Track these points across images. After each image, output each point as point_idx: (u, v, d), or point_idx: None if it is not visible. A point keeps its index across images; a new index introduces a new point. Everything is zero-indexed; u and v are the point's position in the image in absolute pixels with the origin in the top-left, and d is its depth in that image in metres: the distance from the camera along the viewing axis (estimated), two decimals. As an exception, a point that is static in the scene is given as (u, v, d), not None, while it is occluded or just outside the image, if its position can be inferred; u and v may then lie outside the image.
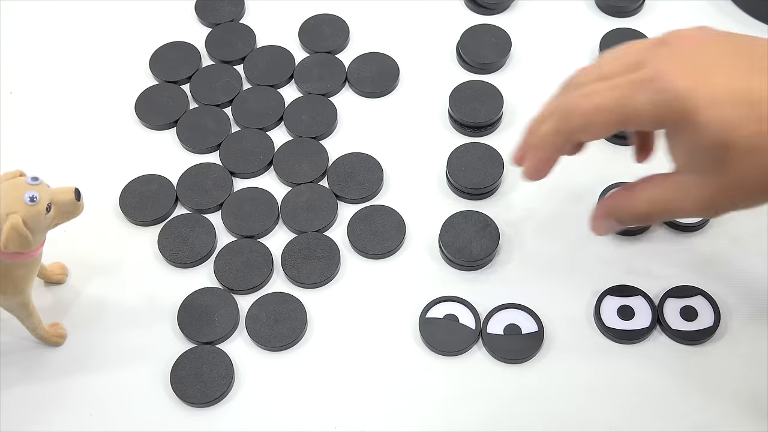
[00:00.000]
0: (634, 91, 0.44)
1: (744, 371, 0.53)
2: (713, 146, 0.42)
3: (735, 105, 0.42)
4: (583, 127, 0.46)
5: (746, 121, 0.42)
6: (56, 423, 0.53)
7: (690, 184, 0.45)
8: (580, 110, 0.46)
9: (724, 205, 0.45)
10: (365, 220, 0.59)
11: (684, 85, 0.42)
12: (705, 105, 0.42)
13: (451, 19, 0.70)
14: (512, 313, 0.55)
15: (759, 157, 0.42)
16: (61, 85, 0.68)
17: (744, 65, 0.43)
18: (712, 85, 0.42)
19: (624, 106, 0.44)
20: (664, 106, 0.43)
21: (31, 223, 0.48)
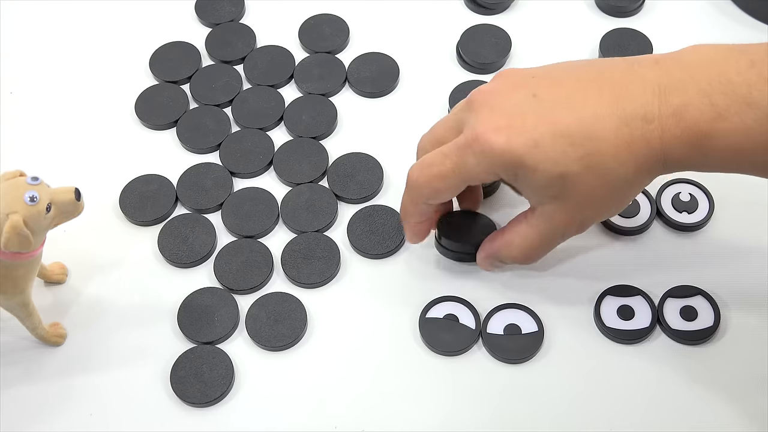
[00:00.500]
0: (462, 156, 0.49)
1: (744, 371, 0.53)
2: (550, 180, 0.47)
3: (551, 141, 0.46)
4: (432, 195, 0.51)
5: (567, 150, 0.46)
6: (56, 423, 0.53)
7: (549, 214, 0.50)
8: (424, 182, 0.51)
9: (586, 221, 0.51)
10: (365, 220, 0.59)
11: (500, 141, 0.47)
12: (526, 151, 0.47)
13: (451, 19, 0.70)
14: (512, 313, 0.55)
15: (593, 176, 0.47)
16: (61, 85, 0.68)
17: (545, 103, 0.47)
18: (523, 131, 0.47)
19: (459, 171, 0.49)
20: (491, 163, 0.48)
21: (31, 223, 0.48)
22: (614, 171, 0.47)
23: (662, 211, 0.58)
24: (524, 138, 0.47)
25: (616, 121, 0.46)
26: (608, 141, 0.46)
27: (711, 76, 0.45)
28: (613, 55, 0.65)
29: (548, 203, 0.49)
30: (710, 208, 0.58)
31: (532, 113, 0.47)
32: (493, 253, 0.54)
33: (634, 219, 0.58)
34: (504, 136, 0.47)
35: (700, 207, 0.58)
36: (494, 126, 0.47)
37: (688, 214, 0.58)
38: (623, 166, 0.47)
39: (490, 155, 0.47)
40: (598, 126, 0.46)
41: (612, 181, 0.47)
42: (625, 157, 0.46)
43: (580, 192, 0.48)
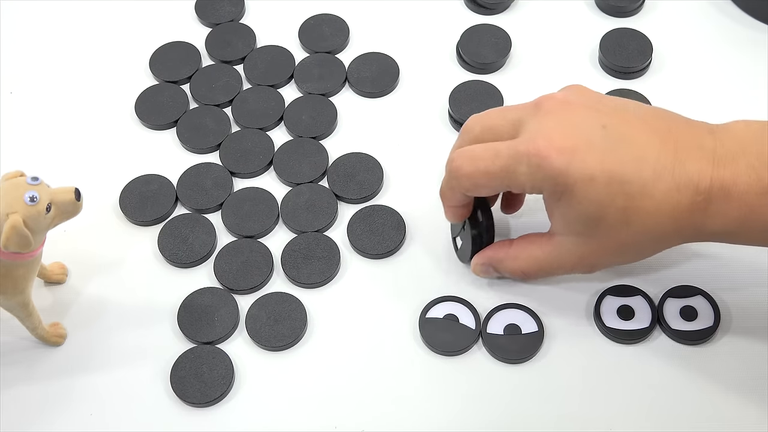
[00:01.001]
0: (515, 163, 0.48)
1: (744, 371, 0.53)
2: (587, 218, 0.48)
3: (607, 182, 0.47)
4: (471, 188, 0.51)
5: (617, 197, 0.47)
6: (56, 423, 0.53)
7: (566, 246, 0.50)
8: (467, 173, 0.50)
9: (600, 263, 0.52)
10: (365, 220, 0.59)
11: (560, 163, 0.47)
12: (580, 182, 0.47)
13: (451, 19, 0.70)
14: (512, 313, 0.55)
15: (628, 228, 0.47)
16: (61, 85, 0.68)
17: (612, 138, 0.47)
18: (585, 162, 0.47)
19: (506, 175, 0.49)
20: (542, 179, 0.48)
21: (31, 223, 0.48)
22: (649, 230, 0.47)
23: (662, 211, 0.58)
24: (583, 169, 0.47)
25: (670, 184, 0.46)
26: (656, 201, 0.46)
27: (761, 150, 0.46)
28: (613, 55, 0.65)
29: (571, 236, 0.50)
30: (710, 208, 0.58)
31: (599, 146, 0.47)
32: (494, 261, 0.54)
33: (634, 219, 0.58)
34: (566, 160, 0.47)
35: (700, 207, 0.58)
36: (559, 145, 0.47)
37: (688, 214, 0.58)
38: (659, 228, 0.47)
39: (546, 172, 0.47)
40: (653, 185, 0.46)
41: (643, 239, 0.48)
42: (665, 221, 0.47)
43: (608, 239, 0.49)
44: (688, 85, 0.65)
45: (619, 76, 0.65)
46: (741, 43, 0.66)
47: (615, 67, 0.65)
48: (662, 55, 0.66)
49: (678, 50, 0.66)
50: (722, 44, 0.67)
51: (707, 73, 0.65)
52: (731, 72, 0.65)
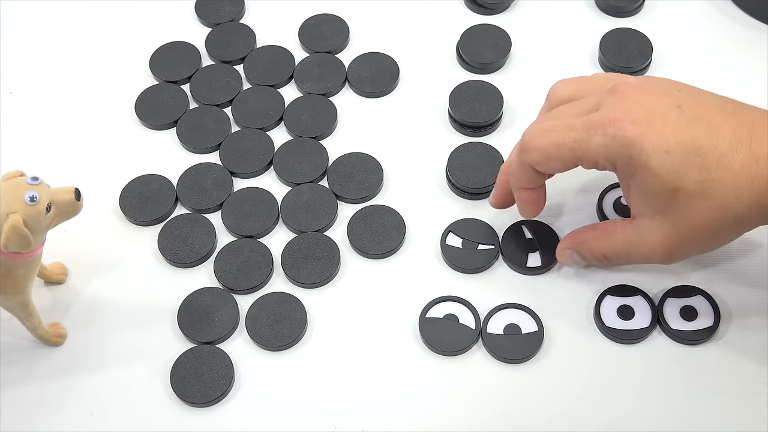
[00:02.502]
0: (590, 134, 0.48)
1: (744, 371, 0.53)
2: (664, 190, 0.47)
3: (682, 154, 0.46)
4: (541, 161, 0.50)
5: (693, 168, 0.46)
6: (56, 423, 0.53)
7: (647, 228, 0.49)
8: (539, 145, 0.50)
9: (678, 249, 0.49)
10: (365, 220, 0.59)
11: (635, 133, 0.47)
12: (655, 152, 0.46)
13: (451, 19, 0.70)
14: (512, 313, 0.55)
15: (706, 202, 0.46)
16: (61, 85, 0.68)
17: (686, 117, 0.47)
18: (660, 134, 0.46)
19: (579, 146, 0.48)
20: (617, 150, 0.47)
21: (31, 223, 0.48)
22: (728, 204, 0.46)
23: (662, 211, 0.58)
24: (658, 140, 0.46)
25: (748, 156, 0.46)
26: (734, 173, 0.46)
27: None
28: (613, 55, 0.65)
29: (650, 216, 0.49)
30: (710, 208, 0.58)
31: (673, 121, 0.47)
32: (577, 244, 0.54)
33: (634, 219, 0.58)
34: (640, 130, 0.47)
35: (700, 207, 0.58)
36: (634, 117, 0.47)
37: (688, 214, 0.58)
38: (738, 202, 0.46)
39: (620, 141, 0.47)
40: (730, 156, 0.46)
41: (722, 214, 0.47)
42: (744, 193, 0.46)
43: (687, 214, 0.47)
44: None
45: (619, 76, 0.65)
46: (741, 43, 0.66)
47: (615, 67, 0.65)
48: (662, 55, 0.66)
49: (678, 50, 0.66)
50: (722, 44, 0.67)
51: (707, 73, 0.65)
52: (731, 72, 0.65)
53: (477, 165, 0.60)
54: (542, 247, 0.57)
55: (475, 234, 0.58)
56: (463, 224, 0.58)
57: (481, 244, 0.58)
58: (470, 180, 0.60)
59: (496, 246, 0.57)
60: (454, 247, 0.58)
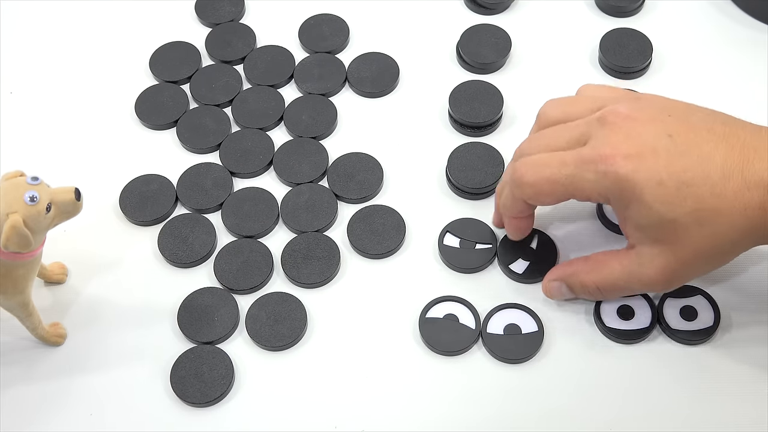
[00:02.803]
0: (582, 170, 0.48)
1: (744, 371, 0.53)
2: (660, 221, 0.47)
3: (675, 185, 0.47)
4: (534, 196, 0.51)
5: (687, 199, 0.47)
6: (56, 423, 0.53)
7: (647, 256, 0.49)
8: (531, 181, 0.50)
9: (679, 275, 0.50)
10: (365, 220, 0.59)
11: (626, 169, 0.47)
12: (648, 186, 0.47)
13: (451, 19, 0.70)
14: (512, 313, 0.55)
15: (703, 230, 0.47)
16: (61, 85, 0.68)
17: (677, 148, 0.47)
18: (652, 168, 0.47)
19: (571, 182, 0.49)
20: (609, 187, 0.48)
21: (31, 223, 0.48)
22: (724, 232, 0.47)
23: (662, 211, 0.58)
24: (651, 173, 0.47)
25: (740, 183, 0.46)
26: (728, 201, 0.46)
27: None
28: (613, 55, 0.65)
29: (648, 245, 0.49)
30: (710, 208, 0.58)
31: (664, 153, 0.47)
32: (566, 276, 0.53)
33: (634, 219, 0.58)
34: (632, 165, 0.47)
35: (700, 207, 0.58)
36: (625, 152, 0.47)
37: (688, 214, 0.58)
38: (733, 229, 0.47)
39: (612, 178, 0.47)
40: (722, 185, 0.46)
41: (719, 241, 0.47)
42: (738, 220, 0.46)
43: (684, 243, 0.48)
44: (688, 85, 0.65)
45: (619, 76, 0.65)
46: (741, 43, 0.66)
47: (615, 67, 0.65)
48: (662, 55, 0.66)
49: (678, 50, 0.66)
50: (722, 44, 0.67)
51: (707, 73, 0.65)
52: (731, 72, 0.65)
53: (477, 165, 0.60)
54: (536, 259, 0.57)
55: (473, 234, 0.58)
56: (460, 224, 0.58)
57: (479, 243, 0.58)
58: (470, 180, 0.60)
59: (493, 246, 0.57)
60: (452, 247, 0.58)
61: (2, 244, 0.47)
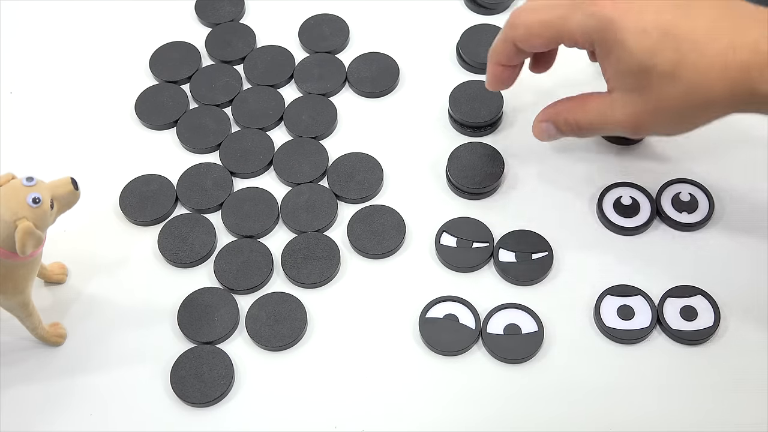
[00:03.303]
0: (572, 11, 0.50)
1: (744, 371, 0.53)
2: (638, 69, 0.48)
3: (659, 34, 0.47)
4: (525, 37, 0.52)
5: (667, 50, 0.47)
6: (56, 423, 0.53)
7: (619, 102, 0.50)
8: (524, 22, 0.52)
9: (646, 124, 0.51)
10: (365, 220, 0.59)
11: (614, 13, 0.48)
12: (632, 31, 0.47)
13: (451, 19, 0.70)
14: (512, 313, 0.55)
15: (677, 84, 0.47)
16: (61, 85, 0.68)
17: (669, 2, 0.48)
18: (639, 14, 0.48)
19: (562, 23, 0.50)
20: (595, 27, 0.49)
21: (39, 224, 0.48)
22: (697, 88, 0.47)
23: (662, 210, 0.58)
24: (637, 20, 0.47)
25: (726, 44, 0.46)
26: (707, 59, 0.46)
27: None
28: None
29: (623, 92, 0.50)
30: (710, 208, 0.58)
31: (653, 7, 0.48)
32: (553, 115, 0.55)
33: (634, 219, 0.58)
34: (621, 10, 0.48)
35: (700, 207, 0.58)
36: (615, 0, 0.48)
37: (688, 213, 0.58)
38: (709, 89, 0.47)
39: (598, 19, 0.48)
40: (706, 43, 0.47)
41: (691, 97, 0.48)
42: (716, 80, 0.47)
43: (657, 93, 0.48)
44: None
45: (619, 76, 0.65)
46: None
47: (615, 67, 0.65)
48: (662, 55, 0.66)
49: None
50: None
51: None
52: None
53: (477, 165, 0.60)
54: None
55: (469, 233, 0.58)
56: (456, 223, 0.58)
57: (476, 242, 0.58)
58: (470, 180, 0.60)
59: (490, 244, 0.57)
60: (449, 246, 0.58)
61: (19, 251, 0.47)
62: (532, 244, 0.57)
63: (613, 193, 0.59)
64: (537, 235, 0.58)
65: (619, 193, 0.59)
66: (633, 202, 0.58)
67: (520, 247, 0.57)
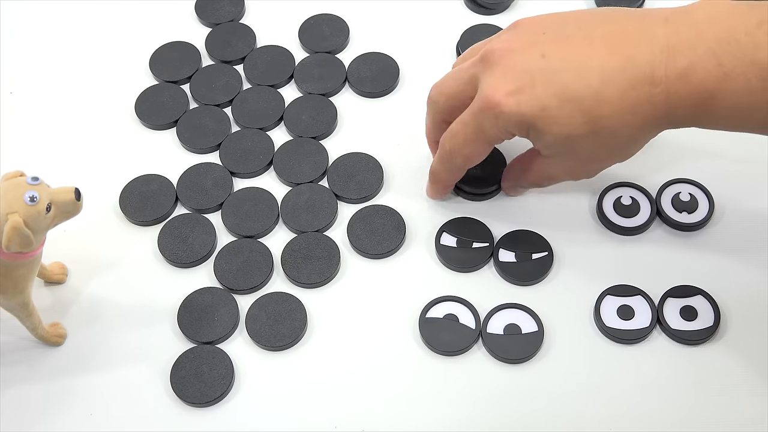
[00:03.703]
0: (479, 122, 0.51)
1: (744, 371, 0.53)
2: (558, 141, 0.50)
3: (558, 105, 0.48)
4: (464, 161, 0.55)
5: (574, 114, 0.48)
6: (57, 423, 0.53)
7: (556, 164, 0.54)
8: (455, 151, 0.54)
9: (585, 173, 0.54)
10: (365, 220, 0.59)
11: (510, 106, 0.49)
12: (534, 114, 0.49)
13: (451, 19, 0.70)
14: (512, 313, 0.55)
15: (598, 136, 0.49)
16: (61, 85, 0.68)
17: (552, 67, 0.49)
18: (533, 96, 0.49)
19: (480, 135, 0.52)
20: (506, 125, 0.50)
21: (31, 223, 0.48)
22: (618, 132, 0.49)
23: (662, 211, 0.58)
24: (533, 103, 0.49)
25: (623, 85, 0.47)
26: (614, 105, 0.47)
27: (719, 35, 0.46)
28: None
29: (555, 157, 0.53)
30: (710, 208, 0.58)
31: (540, 77, 0.49)
32: (515, 179, 0.58)
33: (634, 219, 0.58)
34: (514, 101, 0.49)
35: (700, 207, 0.58)
36: (505, 90, 0.49)
37: (688, 214, 0.58)
38: (627, 127, 0.48)
39: (504, 118, 0.50)
40: (604, 91, 0.47)
41: (615, 141, 0.50)
42: (630, 119, 0.48)
43: (584, 150, 0.51)
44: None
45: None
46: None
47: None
48: (662, 55, 0.66)
49: (678, 50, 0.66)
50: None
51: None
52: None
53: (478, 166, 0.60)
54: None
55: (469, 232, 0.58)
56: (456, 223, 0.58)
57: (476, 242, 0.58)
58: (470, 180, 0.60)
59: (490, 244, 0.57)
60: (449, 246, 0.58)
61: (4, 245, 0.47)
62: (532, 244, 0.57)
63: (613, 194, 0.59)
64: (537, 235, 0.58)
65: (618, 194, 0.59)
66: (633, 203, 0.58)
67: (520, 247, 0.57)
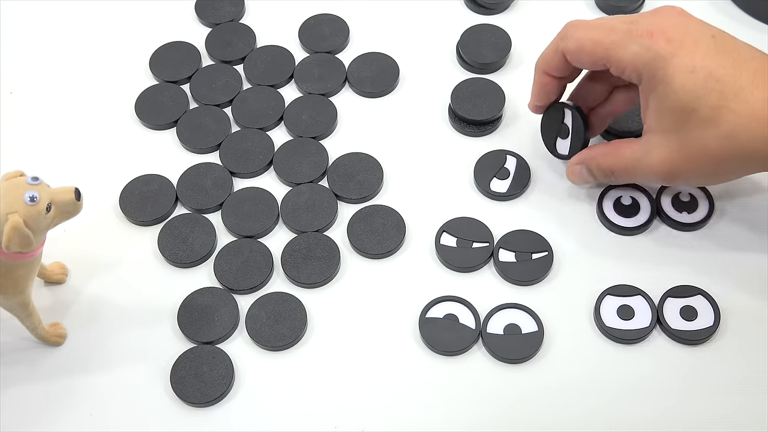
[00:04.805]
0: (627, 40, 0.51)
1: (744, 371, 0.53)
2: (680, 109, 0.49)
3: (705, 77, 0.48)
4: (574, 51, 0.53)
5: (712, 93, 0.48)
6: (57, 423, 0.53)
7: (655, 145, 0.51)
8: (578, 35, 0.53)
9: (681, 171, 0.51)
10: (365, 220, 0.59)
11: (667, 50, 0.49)
12: (680, 71, 0.49)
13: (451, 19, 0.70)
14: (512, 313, 0.55)
15: (717, 129, 0.48)
16: (61, 85, 0.68)
17: (717, 46, 0.49)
18: (689, 55, 0.49)
19: (614, 49, 0.51)
20: (646, 61, 0.50)
21: (31, 223, 0.48)
22: (738, 135, 0.48)
23: (662, 210, 0.58)
24: (687, 60, 0.49)
25: (766, 95, 0.47)
26: (750, 107, 0.47)
27: None
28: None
29: (660, 133, 0.51)
30: (710, 208, 0.58)
31: (704, 46, 0.49)
32: (588, 159, 0.56)
33: (634, 219, 0.58)
34: (673, 48, 0.49)
35: (700, 207, 0.58)
36: (670, 35, 0.50)
37: (688, 213, 0.58)
38: (749, 135, 0.48)
39: (652, 53, 0.49)
40: (749, 90, 0.48)
41: (731, 143, 0.48)
42: (756, 129, 0.47)
43: (696, 137, 0.49)
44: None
45: (619, 75, 0.65)
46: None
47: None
48: (662, 55, 0.66)
49: (678, 50, 0.66)
50: (722, 44, 0.66)
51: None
52: (731, 72, 0.65)
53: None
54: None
55: (469, 232, 0.58)
56: (456, 223, 0.58)
57: (476, 242, 0.58)
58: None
59: (490, 244, 0.57)
60: (449, 246, 0.58)
61: (4, 245, 0.47)
62: (532, 244, 0.57)
63: (613, 193, 0.59)
64: (537, 235, 0.58)
65: (619, 193, 0.59)
66: (633, 202, 0.58)
67: (520, 247, 0.57)
